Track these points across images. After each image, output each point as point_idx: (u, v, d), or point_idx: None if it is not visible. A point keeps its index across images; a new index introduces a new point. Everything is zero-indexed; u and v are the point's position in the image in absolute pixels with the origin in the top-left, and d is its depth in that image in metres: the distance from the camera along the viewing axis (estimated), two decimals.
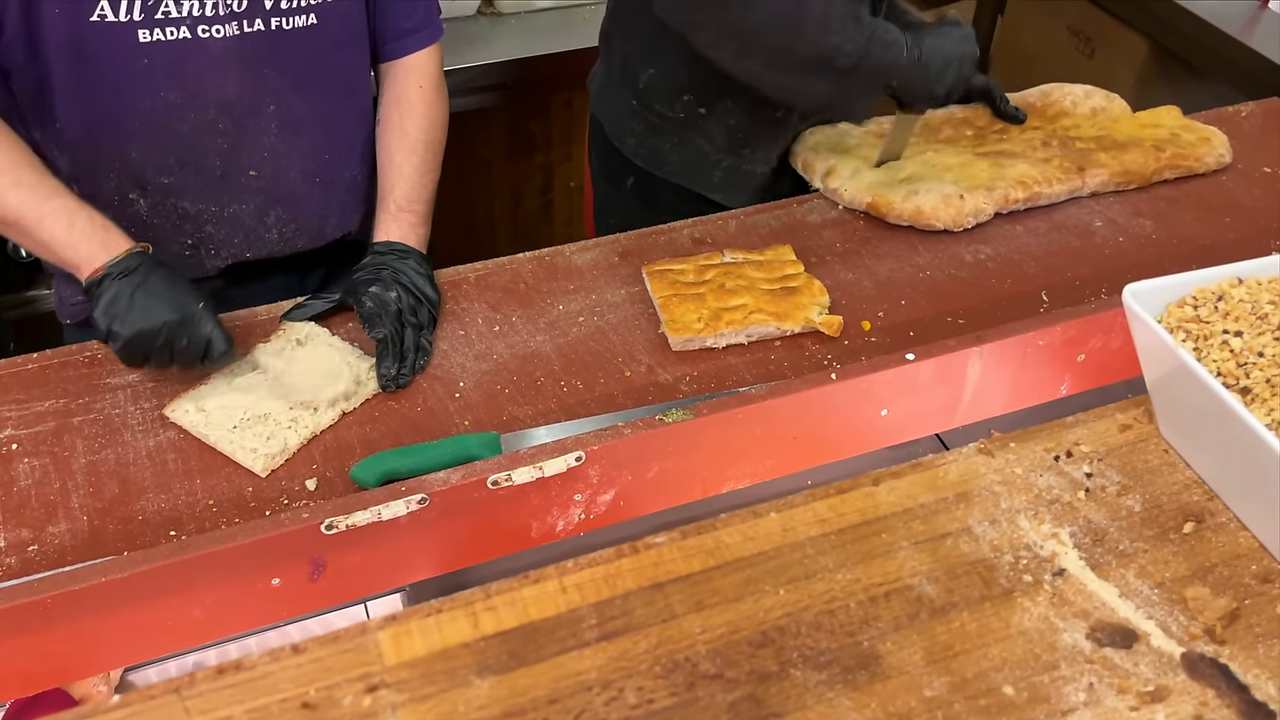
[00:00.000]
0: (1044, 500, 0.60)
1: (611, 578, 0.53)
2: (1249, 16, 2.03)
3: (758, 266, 1.28)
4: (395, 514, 0.95)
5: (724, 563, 0.55)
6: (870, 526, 0.57)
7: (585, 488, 1.02)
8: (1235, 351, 0.58)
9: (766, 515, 0.58)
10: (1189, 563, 0.58)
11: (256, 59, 1.20)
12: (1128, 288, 0.61)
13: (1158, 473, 0.62)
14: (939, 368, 1.10)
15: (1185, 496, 0.61)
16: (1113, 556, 0.58)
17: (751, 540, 0.56)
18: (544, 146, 2.49)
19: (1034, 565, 0.57)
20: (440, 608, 0.52)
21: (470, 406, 1.13)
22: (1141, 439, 0.64)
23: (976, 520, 0.58)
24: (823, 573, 0.54)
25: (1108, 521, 0.59)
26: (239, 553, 0.92)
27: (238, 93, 1.21)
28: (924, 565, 0.56)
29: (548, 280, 1.29)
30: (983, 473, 0.61)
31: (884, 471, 0.61)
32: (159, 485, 1.03)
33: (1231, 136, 1.50)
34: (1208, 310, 0.60)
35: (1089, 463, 0.62)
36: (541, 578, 0.53)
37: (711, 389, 1.16)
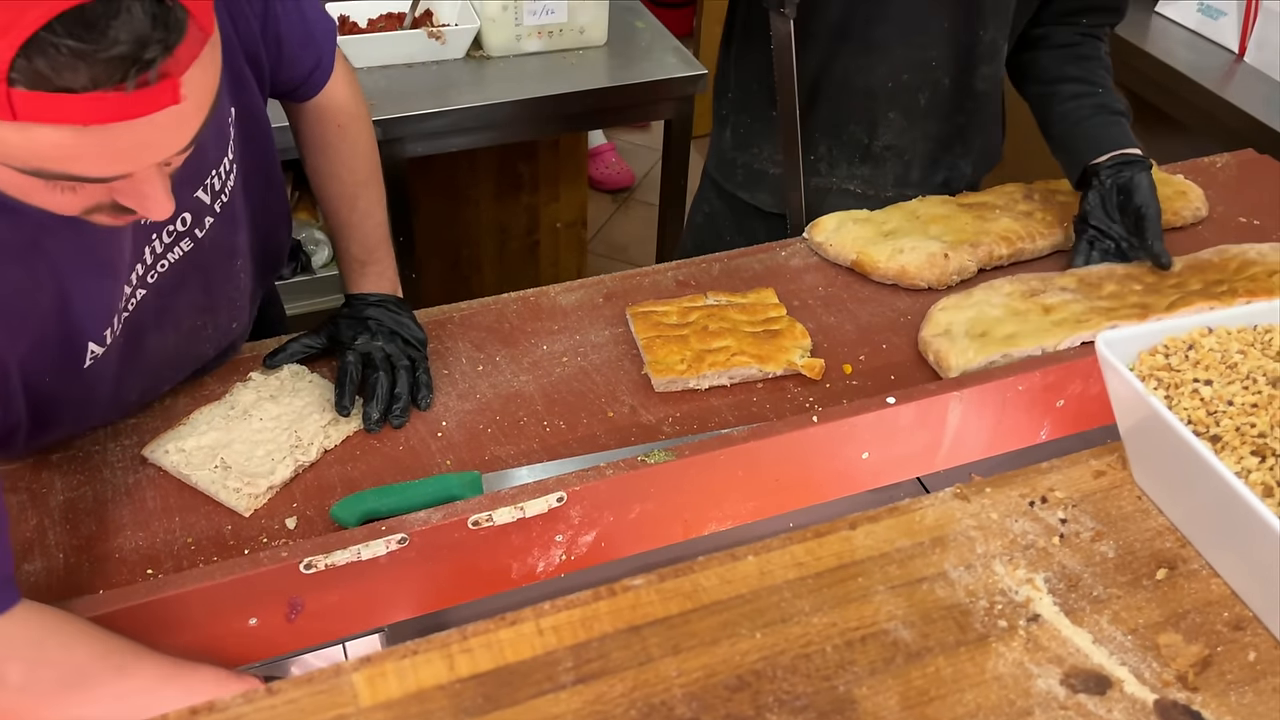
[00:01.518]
0: (1019, 546, 0.60)
1: (589, 620, 0.53)
2: (1224, 69, 2.08)
3: (740, 309, 1.29)
4: (375, 554, 0.94)
5: (701, 606, 0.55)
6: (847, 570, 0.57)
7: (567, 528, 1.02)
8: (1205, 400, 0.59)
9: (744, 559, 0.58)
10: (1162, 609, 0.58)
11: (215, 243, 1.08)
12: (1101, 335, 0.62)
13: (1131, 519, 0.63)
14: (920, 412, 1.11)
15: (1158, 543, 0.61)
16: (1086, 602, 0.58)
17: (729, 583, 0.56)
18: (531, 187, 2.51)
19: (1009, 610, 0.57)
20: (416, 649, 0.52)
21: (452, 446, 1.13)
22: (1115, 485, 0.64)
23: (952, 565, 0.59)
24: (799, 616, 0.55)
25: (1082, 567, 0.59)
26: (217, 591, 0.91)
27: (204, 290, 1.10)
28: (900, 609, 0.56)
29: (532, 320, 1.30)
30: (959, 518, 0.61)
31: (860, 516, 0.62)
32: (137, 523, 1.02)
33: (1207, 187, 1.53)
34: (1179, 359, 0.61)
35: (1063, 509, 0.63)
36: (518, 619, 0.53)
37: (694, 430, 1.16)
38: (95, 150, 0.70)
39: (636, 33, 2.19)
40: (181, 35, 0.69)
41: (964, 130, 1.50)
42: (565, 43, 2.09)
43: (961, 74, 1.44)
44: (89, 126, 0.68)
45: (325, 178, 1.26)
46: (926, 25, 1.39)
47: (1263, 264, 1.28)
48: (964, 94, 1.46)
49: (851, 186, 1.54)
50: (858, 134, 1.49)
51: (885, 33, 1.39)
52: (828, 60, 1.44)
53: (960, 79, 1.44)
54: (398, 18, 2.03)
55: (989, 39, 1.41)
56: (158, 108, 0.70)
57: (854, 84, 1.45)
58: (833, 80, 1.45)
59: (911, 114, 1.47)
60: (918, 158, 1.51)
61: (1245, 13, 2.08)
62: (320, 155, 1.26)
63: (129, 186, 0.77)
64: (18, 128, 0.67)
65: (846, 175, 1.53)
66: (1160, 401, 0.58)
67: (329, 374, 1.19)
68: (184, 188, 0.99)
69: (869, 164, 1.52)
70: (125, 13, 0.65)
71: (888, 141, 1.49)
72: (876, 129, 1.48)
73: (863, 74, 1.44)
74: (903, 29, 1.39)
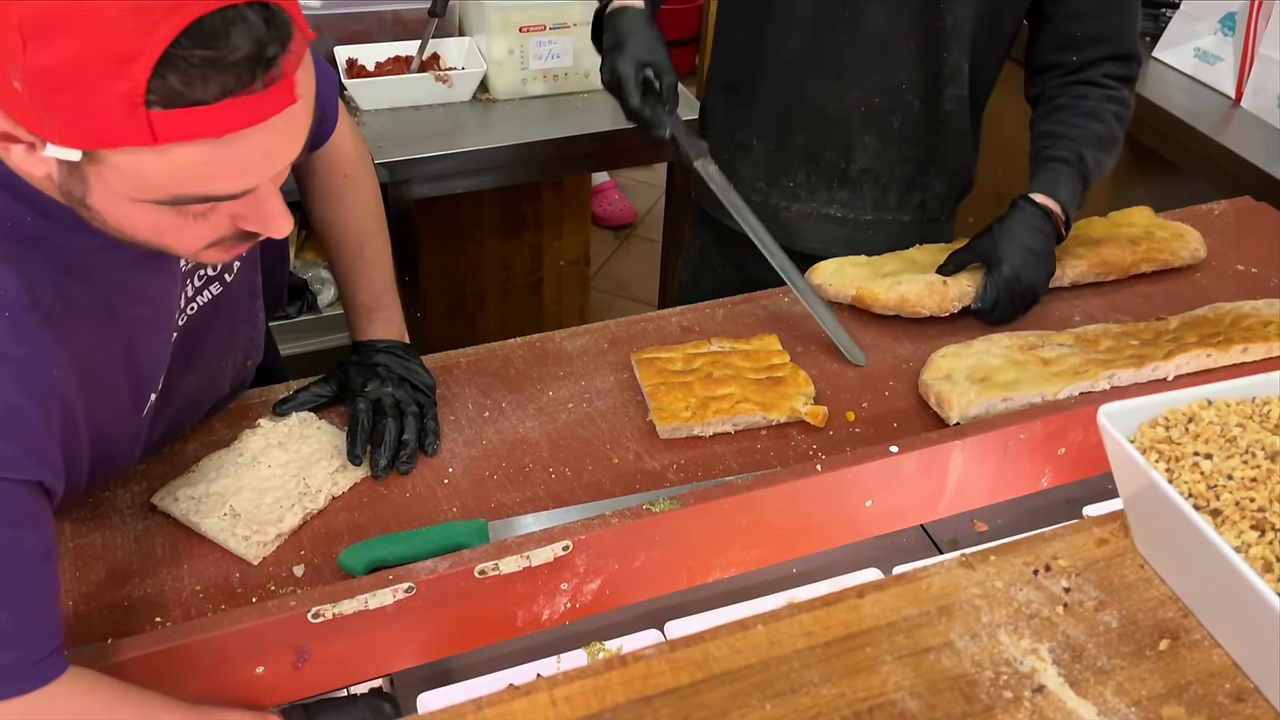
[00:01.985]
0: (1023, 615, 0.61)
1: (600, 690, 0.54)
2: (1221, 115, 2.10)
3: (744, 356, 1.30)
4: (382, 603, 0.95)
5: (711, 676, 0.56)
6: (855, 640, 0.58)
7: (572, 576, 1.03)
8: (1205, 474, 0.60)
9: (753, 628, 0.59)
10: (1165, 680, 0.59)
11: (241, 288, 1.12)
12: (1102, 408, 0.63)
13: (1134, 588, 0.64)
14: (922, 460, 1.12)
15: (1161, 613, 0.62)
16: (1091, 673, 0.59)
17: (739, 653, 0.57)
18: (535, 226, 2.53)
19: (1014, 681, 0.58)
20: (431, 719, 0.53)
21: (459, 493, 1.14)
22: (1118, 554, 0.65)
23: (958, 634, 0.59)
24: (808, 687, 0.56)
25: (1086, 637, 0.60)
26: (225, 641, 0.92)
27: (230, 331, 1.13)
28: (907, 680, 0.57)
29: (538, 366, 1.31)
30: (964, 586, 0.62)
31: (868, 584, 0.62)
32: (145, 570, 1.03)
33: (1205, 234, 1.55)
34: (1179, 431, 0.62)
35: (1067, 577, 0.63)
36: (532, 690, 0.54)
37: (698, 477, 1.17)
38: (229, 162, 0.74)
39: None
40: (290, 33, 0.73)
41: (936, 151, 1.53)
42: (570, 86, 2.11)
43: (930, 96, 1.47)
44: (223, 138, 0.72)
45: (332, 227, 1.28)
46: (894, 50, 1.43)
47: (1257, 316, 1.29)
48: (934, 115, 1.49)
49: (831, 211, 1.57)
50: (834, 159, 1.53)
51: (855, 58, 1.43)
52: (800, 88, 1.47)
53: (929, 100, 1.48)
54: (405, 61, 2.06)
55: (953, 61, 1.45)
56: (280, 108, 0.74)
57: (827, 110, 1.48)
58: (806, 107, 1.49)
59: (885, 137, 1.50)
60: (894, 180, 1.55)
61: (1242, 59, 2.11)
62: (327, 205, 1.28)
63: (252, 206, 0.82)
64: (157, 152, 0.71)
65: (826, 200, 1.56)
66: (1161, 475, 0.59)
67: (337, 420, 1.21)
68: None
69: (847, 188, 1.55)
70: (241, 20, 0.69)
71: (864, 165, 1.53)
72: (852, 153, 1.52)
73: (835, 99, 1.47)
74: (872, 54, 1.43)
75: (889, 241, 1.54)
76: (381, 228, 1.31)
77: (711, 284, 1.68)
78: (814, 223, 1.56)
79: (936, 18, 1.40)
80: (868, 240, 1.56)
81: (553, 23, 2.02)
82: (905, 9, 1.39)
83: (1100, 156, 1.42)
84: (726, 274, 1.63)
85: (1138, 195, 2.30)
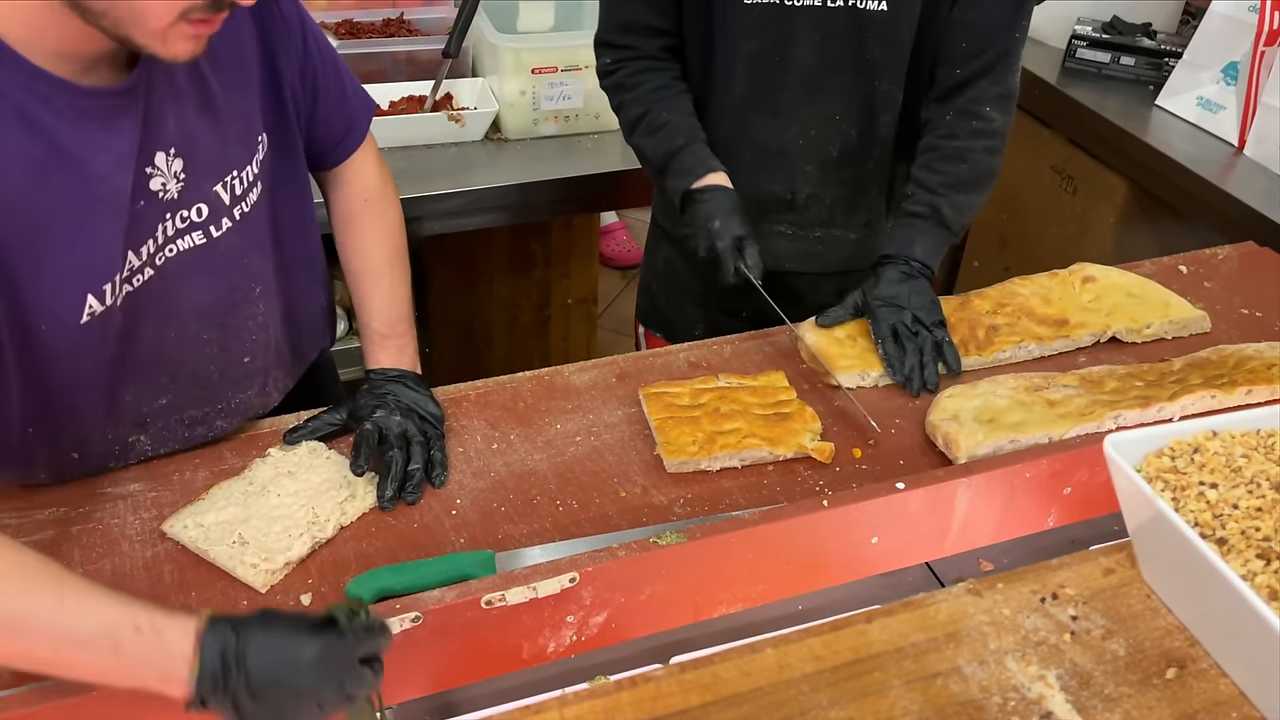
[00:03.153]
0: (1031, 642, 0.62)
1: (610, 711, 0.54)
2: (1224, 162, 2.12)
3: (751, 392, 1.31)
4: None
5: (721, 698, 0.56)
6: (863, 664, 0.59)
7: (578, 609, 1.03)
8: (1211, 503, 0.61)
9: (763, 651, 0.60)
10: (1172, 709, 0.59)
11: (229, 255, 1.13)
12: (1109, 438, 0.64)
13: (1140, 618, 0.64)
14: (929, 497, 1.12)
15: (1168, 642, 0.63)
16: (1098, 700, 0.59)
17: (748, 676, 0.57)
18: (543, 264, 2.55)
19: (1022, 707, 0.58)
20: None
21: (466, 524, 1.14)
22: (1124, 584, 0.66)
23: (966, 660, 0.60)
24: (817, 710, 0.56)
25: (1093, 665, 0.61)
26: None
27: (211, 297, 1.13)
28: (915, 705, 0.57)
29: (546, 399, 1.32)
30: (972, 613, 0.62)
31: (877, 610, 0.63)
32: (154, 597, 1.03)
33: (1209, 279, 1.56)
34: (1184, 461, 0.63)
35: (1074, 605, 0.64)
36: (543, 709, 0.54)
37: (705, 511, 1.18)
38: None
39: None
40: None
41: (875, 173, 1.59)
42: (580, 127, 2.14)
43: (865, 123, 1.54)
44: None
45: (350, 252, 1.31)
46: (824, 85, 1.49)
47: (1260, 358, 1.30)
48: (870, 141, 1.55)
49: (781, 228, 1.62)
50: (778, 190, 1.59)
51: (789, 97, 1.51)
52: (741, 128, 1.55)
53: (864, 127, 1.54)
54: (419, 100, 2.09)
55: (884, 90, 1.51)
56: None
57: (768, 145, 1.55)
58: (748, 144, 1.55)
59: (825, 164, 1.57)
60: (838, 201, 1.60)
61: (1244, 107, 2.13)
62: (347, 228, 1.31)
63: None
64: None
65: (775, 220, 1.62)
66: (1167, 504, 0.60)
67: (346, 450, 1.21)
68: (204, 178, 1.06)
69: (795, 211, 1.61)
70: None
71: (808, 192, 1.59)
72: (795, 181, 1.58)
73: (775, 135, 1.54)
74: (804, 91, 1.50)
75: (841, 256, 1.63)
76: (401, 257, 1.33)
77: (678, 293, 1.76)
78: (767, 241, 1.60)
79: (861, 52, 1.46)
80: (819, 254, 1.64)
81: (564, 65, 2.05)
82: (829, 48, 1.46)
83: (962, 199, 1.48)
84: (693, 282, 1.71)
85: (1141, 239, 2.32)
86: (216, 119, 1.07)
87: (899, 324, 1.38)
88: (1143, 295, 1.49)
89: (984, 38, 1.45)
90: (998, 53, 1.46)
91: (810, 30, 1.45)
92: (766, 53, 1.48)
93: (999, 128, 1.49)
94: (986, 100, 1.48)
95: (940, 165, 1.48)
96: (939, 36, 1.47)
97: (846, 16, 1.43)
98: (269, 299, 1.21)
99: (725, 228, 1.43)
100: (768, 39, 1.46)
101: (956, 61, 1.47)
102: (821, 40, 1.45)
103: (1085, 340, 1.44)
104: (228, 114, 1.09)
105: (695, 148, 1.50)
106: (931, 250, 1.46)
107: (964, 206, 1.48)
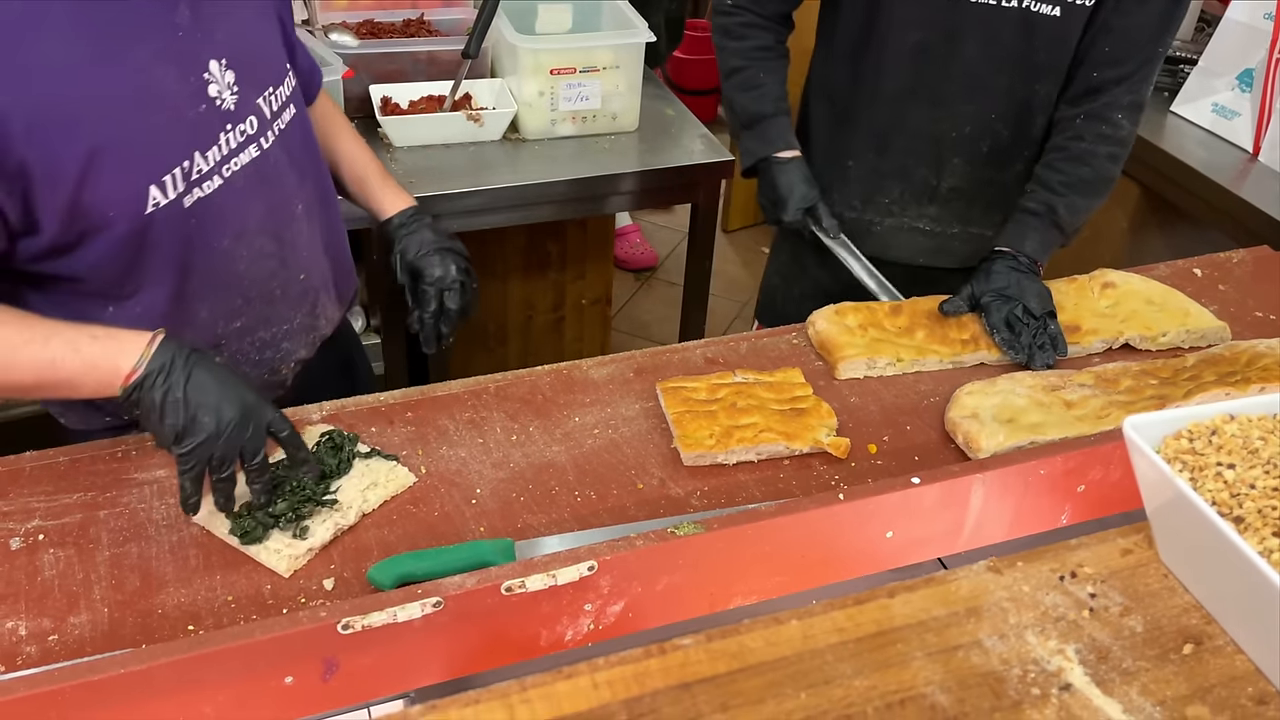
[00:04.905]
0: (1050, 618, 0.63)
1: (640, 676, 0.55)
2: (1239, 168, 2.13)
3: (768, 387, 1.32)
4: (410, 616, 0.96)
5: (747, 666, 0.57)
6: (886, 637, 0.60)
7: (596, 597, 1.04)
8: (1229, 483, 0.62)
9: (788, 622, 0.61)
10: (1189, 683, 0.60)
11: (277, 169, 1.24)
12: (1127, 420, 0.65)
13: (1158, 596, 0.65)
14: (944, 492, 1.13)
15: (1184, 620, 0.64)
16: (1116, 674, 0.60)
17: (774, 645, 0.59)
18: (558, 265, 2.57)
19: (1041, 679, 0.59)
20: (478, 699, 0.54)
21: (486, 513, 1.16)
22: (1142, 564, 0.67)
23: (986, 634, 0.61)
24: (841, 679, 0.57)
25: (1111, 640, 0.62)
26: (256, 649, 0.93)
27: (268, 208, 1.23)
28: (937, 675, 0.58)
29: (564, 393, 1.33)
30: (992, 589, 0.64)
31: (899, 585, 0.64)
32: (180, 580, 1.05)
33: (1224, 282, 1.57)
34: (1202, 443, 0.64)
35: (1092, 584, 0.65)
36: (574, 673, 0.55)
37: (721, 504, 1.19)
38: None
39: (667, 119, 2.27)
40: None
41: (1021, 176, 1.61)
42: (598, 128, 2.16)
43: (1019, 124, 1.57)
44: None
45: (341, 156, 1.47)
46: (987, 85, 1.53)
47: (1273, 355, 1.31)
48: (1022, 142, 1.59)
49: (921, 225, 1.67)
50: (927, 177, 1.63)
51: (951, 91, 1.54)
52: (897, 116, 1.59)
53: (1018, 128, 1.57)
54: (438, 100, 2.11)
55: (1044, 93, 1.54)
56: None
57: (923, 133, 1.59)
58: (903, 131, 1.59)
59: (974, 161, 1.60)
60: (979, 198, 1.64)
61: (1259, 114, 2.14)
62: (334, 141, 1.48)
63: None
64: None
65: (916, 215, 1.66)
66: (1186, 483, 0.61)
67: (369, 439, 1.23)
68: (252, 91, 1.18)
69: (936, 204, 1.65)
70: None
71: (953, 184, 1.63)
72: (943, 172, 1.62)
73: (929, 126, 1.58)
74: (966, 88, 1.54)
75: (973, 252, 1.64)
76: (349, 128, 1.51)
77: (803, 286, 1.80)
78: (904, 235, 1.67)
79: (1028, 54, 1.49)
80: (953, 250, 1.68)
81: (582, 66, 2.07)
82: (997, 46, 1.49)
83: (1079, 201, 1.50)
84: (822, 277, 1.74)
85: (1155, 245, 2.33)
86: (254, 37, 1.21)
87: (1011, 315, 1.41)
88: (1162, 303, 1.50)
89: (1131, 45, 1.47)
90: (1139, 61, 1.48)
91: (979, 28, 1.48)
92: (933, 46, 1.52)
93: (1126, 136, 1.52)
94: (1119, 107, 1.50)
95: (1063, 166, 1.50)
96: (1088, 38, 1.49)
97: (1018, 17, 1.46)
98: (310, 220, 1.32)
99: (798, 197, 1.53)
100: (936, 32, 1.50)
101: (1096, 65, 1.49)
102: (990, 39, 1.49)
103: (1097, 346, 1.45)
104: (260, 35, 1.22)
105: (781, 120, 1.57)
106: (1041, 247, 1.48)
107: (1080, 209, 1.51)
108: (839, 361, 1.37)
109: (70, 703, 0.88)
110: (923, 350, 1.41)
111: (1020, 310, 1.41)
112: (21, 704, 0.87)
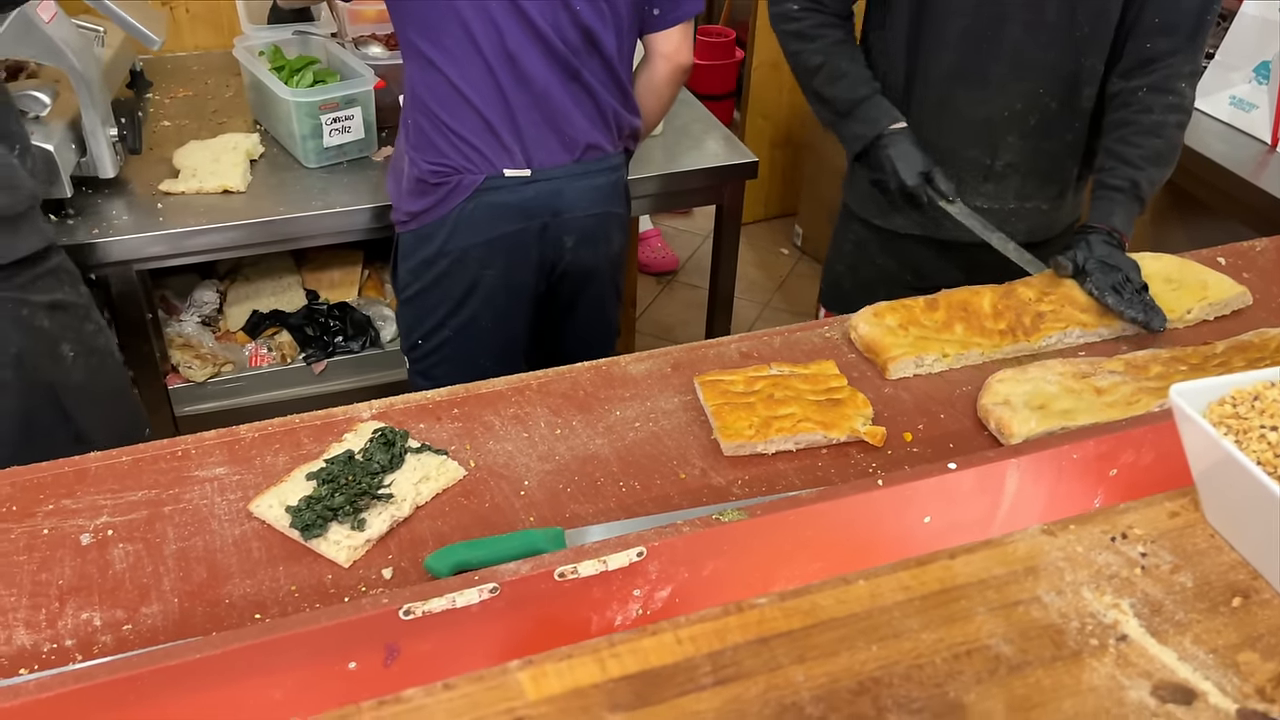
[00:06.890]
0: (1104, 575, 0.66)
1: (720, 632, 0.58)
2: (1258, 160, 2.16)
3: (804, 379, 1.35)
4: (468, 602, 1.00)
5: (820, 622, 0.60)
6: (949, 594, 0.63)
7: (644, 583, 1.07)
8: (1272, 444, 0.65)
9: (855, 582, 0.64)
10: (1239, 632, 0.63)
11: None
12: (1174, 387, 0.68)
13: (1205, 554, 0.68)
14: (979, 477, 1.15)
15: (1232, 575, 0.67)
16: (1169, 625, 0.63)
17: (844, 603, 0.62)
18: None
19: (1099, 630, 0.62)
20: (570, 654, 0.58)
21: (534, 504, 1.19)
22: (1189, 525, 0.70)
23: (1044, 590, 0.64)
24: (909, 633, 0.60)
25: (1163, 595, 0.65)
26: (322, 635, 0.96)
27: None
28: (1000, 628, 0.62)
29: (605, 388, 1.37)
30: (1047, 550, 0.67)
31: (959, 547, 0.67)
32: (244, 571, 1.09)
33: (1247, 270, 1.59)
34: (1245, 408, 0.67)
35: (1143, 544, 0.68)
36: (658, 630, 0.58)
37: (763, 492, 1.22)
38: None
39: (689, 123, 2.30)
40: None
41: (1073, 145, 1.66)
42: None
43: (1068, 96, 1.61)
44: None
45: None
46: (1035, 63, 1.58)
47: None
48: (1071, 113, 1.63)
49: (978, 202, 1.70)
50: (980, 157, 1.67)
51: (999, 70, 1.59)
52: (947, 97, 1.64)
53: (1066, 101, 1.61)
54: None
55: (1090, 65, 1.58)
56: None
57: (974, 115, 1.64)
58: (954, 113, 1.64)
59: (1026, 135, 1.64)
60: (1033, 172, 1.69)
61: (1277, 105, 2.17)
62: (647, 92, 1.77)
63: None
64: None
65: (973, 193, 1.70)
66: (1232, 445, 0.64)
67: (419, 434, 1.26)
68: None
69: (992, 181, 1.69)
70: None
71: (1007, 160, 1.67)
72: (996, 150, 1.66)
73: (980, 106, 1.63)
74: (1014, 66, 1.58)
75: (1028, 228, 1.69)
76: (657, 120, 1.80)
77: (869, 273, 1.85)
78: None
79: (1071, 29, 1.54)
80: (1010, 226, 1.69)
81: None
82: (1043, 24, 1.53)
83: (1156, 173, 1.53)
84: (887, 264, 1.79)
85: (1174, 235, 2.35)
86: None
87: (1116, 282, 1.45)
88: (1180, 279, 1.53)
89: (1180, 12, 1.51)
90: (1191, 28, 1.52)
91: (1024, 9, 1.53)
92: (979, 28, 1.57)
93: (1190, 105, 1.55)
94: (1181, 76, 1.53)
95: (1138, 139, 1.53)
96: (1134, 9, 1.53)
97: None
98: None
99: (911, 164, 1.56)
100: (982, 15, 1.55)
101: (1148, 35, 1.53)
102: (1034, 18, 1.53)
103: (1127, 333, 1.48)
104: None
105: (878, 99, 1.62)
106: (1127, 221, 1.52)
107: (1157, 180, 1.55)
108: (888, 363, 1.40)
109: (147, 687, 0.92)
110: (965, 344, 1.43)
111: (1121, 278, 1.45)
112: (102, 689, 0.90)
